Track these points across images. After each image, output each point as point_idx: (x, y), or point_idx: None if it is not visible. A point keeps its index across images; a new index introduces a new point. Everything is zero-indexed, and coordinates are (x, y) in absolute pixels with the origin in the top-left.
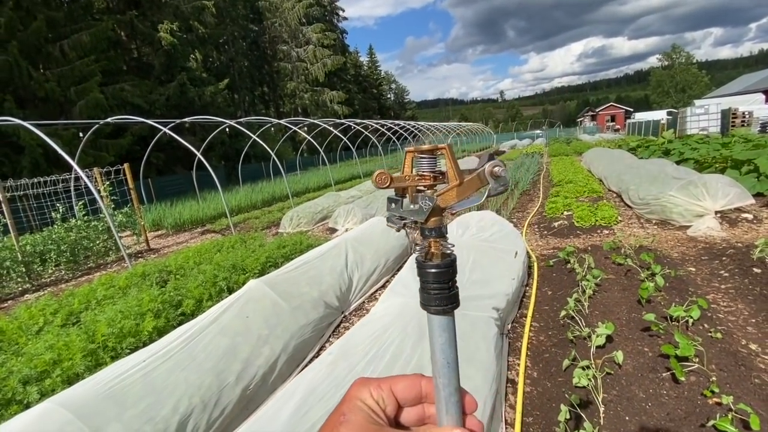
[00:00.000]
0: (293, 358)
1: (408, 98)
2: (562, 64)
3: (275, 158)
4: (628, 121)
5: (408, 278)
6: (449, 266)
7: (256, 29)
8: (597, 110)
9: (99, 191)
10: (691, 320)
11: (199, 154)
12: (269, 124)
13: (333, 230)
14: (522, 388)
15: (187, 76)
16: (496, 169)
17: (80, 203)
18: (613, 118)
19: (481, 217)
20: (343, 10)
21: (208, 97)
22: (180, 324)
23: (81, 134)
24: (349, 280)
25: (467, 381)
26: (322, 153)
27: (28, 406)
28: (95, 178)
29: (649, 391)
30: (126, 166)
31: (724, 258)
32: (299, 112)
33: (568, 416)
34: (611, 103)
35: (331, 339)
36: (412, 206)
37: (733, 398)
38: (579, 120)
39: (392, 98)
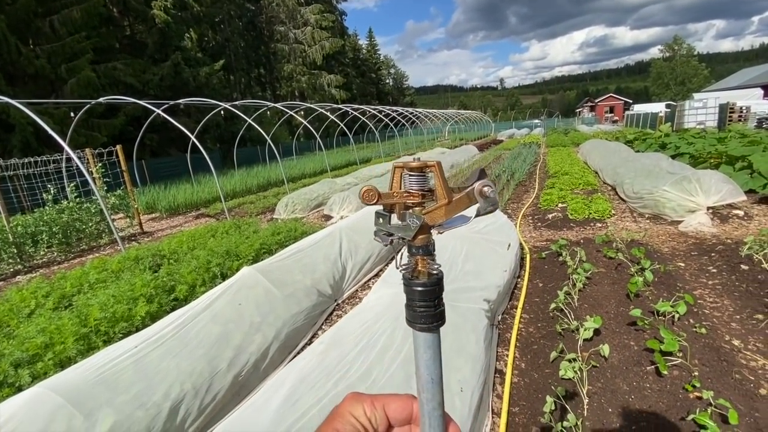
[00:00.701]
0: (285, 345)
1: (407, 84)
2: (563, 52)
3: (270, 142)
4: (627, 112)
5: None
6: (435, 284)
7: (253, 8)
8: (596, 101)
9: (91, 173)
10: (677, 315)
11: (193, 137)
12: (265, 108)
13: (328, 217)
14: (510, 378)
15: (182, 55)
16: (485, 189)
17: (72, 185)
18: (611, 110)
19: (474, 208)
20: None
21: (203, 78)
22: (173, 309)
23: (72, 114)
24: (343, 268)
25: (456, 372)
26: (318, 138)
27: (20, 389)
28: (87, 159)
29: (633, 384)
30: (119, 147)
31: (713, 254)
32: (296, 95)
33: (553, 407)
34: (610, 94)
35: (323, 327)
36: (399, 223)
37: (714, 393)
38: (578, 110)
39: (391, 83)
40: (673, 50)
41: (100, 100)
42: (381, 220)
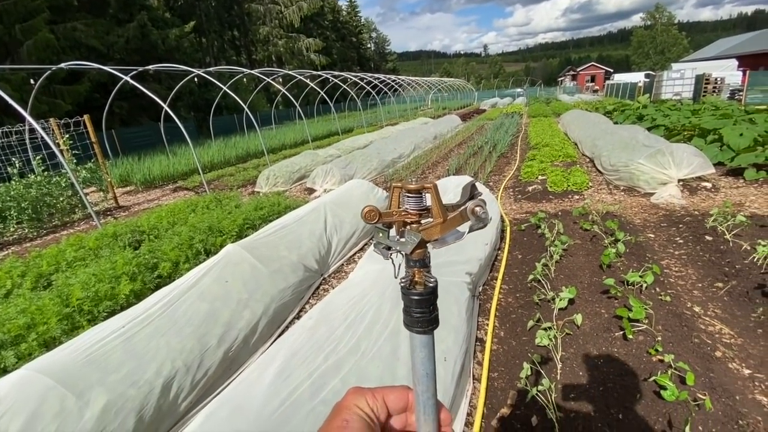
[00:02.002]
0: (273, 320)
1: (389, 49)
2: (547, 18)
3: (249, 112)
4: (608, 82)
5: None
6: (431, 294)
7: None
8: (578, 70)
9: (58, 145)
10: (645, 285)
11: (166, 106)
12: (241, 74)
13: (311, 190)
14: (489, 346)
15: (149, 16)
16: (477, 209)
17: (38, 158)
18: (593, 79)
19: (459, 182)
20: None
21: (173, 41)
22: (157, 287)
23: (32, 80)
24: (328, 243)
25: (440, 343)
26: (298, 107)
27: (5, 371)
28: (53, 129)
29: (602, 349)
30: (86, 117)
31: (680, 225)
32: (273, 60)
33: (529, 373)
34: (592, 63)
35: (310, 301)
36: (398, 238)
37: (674, 356)
38: (560, 79)
39: (372, 48)
40: (655, 18)
41: (62, 65)
42: (381, 234)
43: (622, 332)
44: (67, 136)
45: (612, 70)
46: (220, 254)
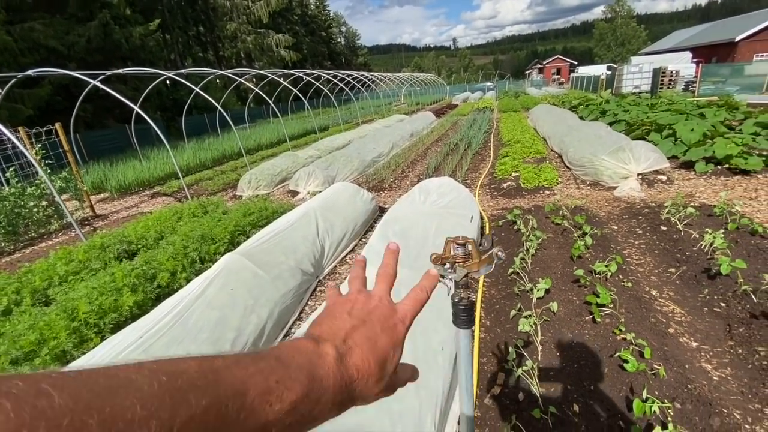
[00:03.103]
0: (278, 323)
1: (359, 43)
2: (513, 11)
3: (223, 112)
4: (572, 74)
5: (379, 247)
6: (471, 306)
7: None
8: (544, 62)
9: (35, 155)
10: (609, 273)
11: (137, 108)
12: (212, 76)
13: (294, 193)
14: (478, 334)
15: (110, 14)
16: (500, 253)
17: (11, 169)
18: (558, 71)
19: (440, 183)
20: None
21: (137, 40)
22: (158, 297)
23: None
24: (321, 247)
25: (436, 334)
26: (272, 105)
27: None
28: (22, 138)
29: (575, 332)
30: (58, 125)
31: (640, 217)
32: (242, 56)
33: (514, 356)
34: (557, 56)
35: (309, 303)
36: (450, 270)
37: (635, 334)
38: (527, 72)
39: (343, 43)
40: (615, 11)
41: (29, 72)
42: (440, 269)
43: (591, 316)
44: (40, 145)
45: (576, 63)
46: (220, 262)
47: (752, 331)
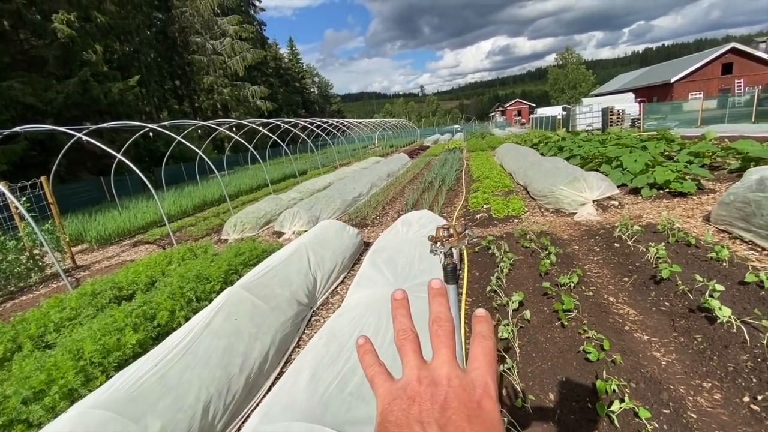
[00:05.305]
0: (279, 350)
1: (332, 92)
2: (473, 60)
3: (205, 158)
4: (532, 116)
5: (371, 273)
6: (454, 267)
7: (162, 17)
8: (506, 105)
9: (25, 207)
10: (572, 284)
11: (120, 156)
12: (193, 126)
13: (280, 234)
14: (463, 345)
15: (90, 71)
16: (469, 233)
17: None
18: (519, 113)
19: (421, 216)
20: (260, 1)
21: (117, 95)
22: (158, 336)
23: None
24: (314, 279)
25: (424, 347)
26: (252, 151)
27: (31, 424)
28: (3, 193)
29: (547, 336)
30: (43, 179)
31: (597, 237)
32: (219, 107)
33: (497, 358)
34: (517, 99)
35: (306, 331)
36: (440, 245)
37: (596, 332)
38: (491, 114)
39: (316, 92)
40: (565, 59)
41: (17, 129)
42: (433, 246)
43: (559, 322)
44: (24, 198)
45: (534, 105)
46: (222, 296)
47: (690, 323)
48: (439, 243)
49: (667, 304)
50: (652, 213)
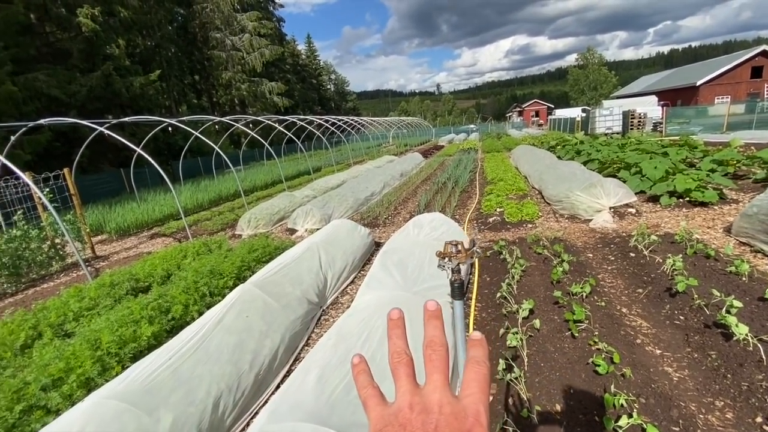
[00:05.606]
0: (289, 347)
1: (348, 89)
2: (491, 59)
3: (221, 153)
4: (550, 117)
5: (380, 275)
6: (461, 283)
7: (184, 12)
8: (523, 106)
9: (48, 198)
10: (585, 294)
11: (140, 150)
12: (211, 122)
13: (293, 231)
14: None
15: (113, 65)
16: (478, 250)
17: (19, 212)
18: (537, 114)
19: (432, 218)
20: None
21: (138, 89)
22: (172, 329)
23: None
24: (325, 278)
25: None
26: (267, 147)
27: (49, 410)
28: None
29: (556, 345)
30: (66, 170)
31: (612, 245)
32: (236, 103)
33: (504, 367)
34: (536, 100)
35: (315, 330)
36: (448, 261)
37: (606, 344)
38: (508, 114)
39: (332, 89)
40: (586, 59)
41: (42, 121)
42: (441, 261)
43: (570, 332)
44: (47, 189)
45: (553, 106)
46: (235, 292)
47: (705, 339)
48: (447, 259)
49: (681, 318)
50: (670, 222)
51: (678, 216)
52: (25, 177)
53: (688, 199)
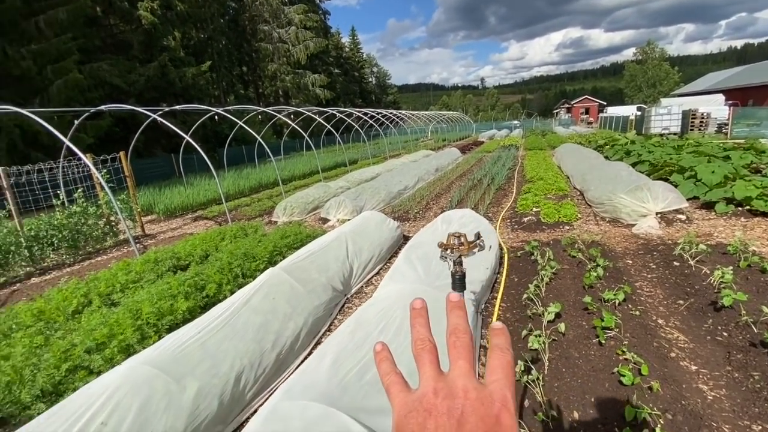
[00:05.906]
0: (311, 331)
1: (389, 82)
2: (541, 53)
3: (263, 143)
4: (601, 115)
5: (404, 268)
6: (463, 276)
7: (236, 6)
8: (572, 102)
9: (105, 179)
10: (618, 301)
11: (188, 138)
12: (255, 111)
13: (325, 220)
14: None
15: (168, 56)
16: (480, 242)
17: (79, 190)
18: (587, 111)
19: (462, 215)
20: None
21: (190, 79)
22: (205, 305)
23: (55, 117)
24: (350, 267)
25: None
26: (307, 138)
27: (91, 371)
28: (87, 164)
29: (581, 352)
30: (122, 153)
31: (655, 253)
32: (280, 94)
33: (522, 369)
34: (586, 96)
35: (338, 317)
36: (450, 253)
37: (635, 355)
38: (555, 111)
39: (374, 82)
40: (646, 54)
41: (102, 107)
42: (443, 252)
43: (597, 339)
44: (105, 170)
45: (605, 103)
46: (264, 275)
47: (749, 358)
48: (449, 250)
49: (725, 334)
50: (724, 232)
51: (734, 225)
52: (86, 159)
53: (747, 207)
